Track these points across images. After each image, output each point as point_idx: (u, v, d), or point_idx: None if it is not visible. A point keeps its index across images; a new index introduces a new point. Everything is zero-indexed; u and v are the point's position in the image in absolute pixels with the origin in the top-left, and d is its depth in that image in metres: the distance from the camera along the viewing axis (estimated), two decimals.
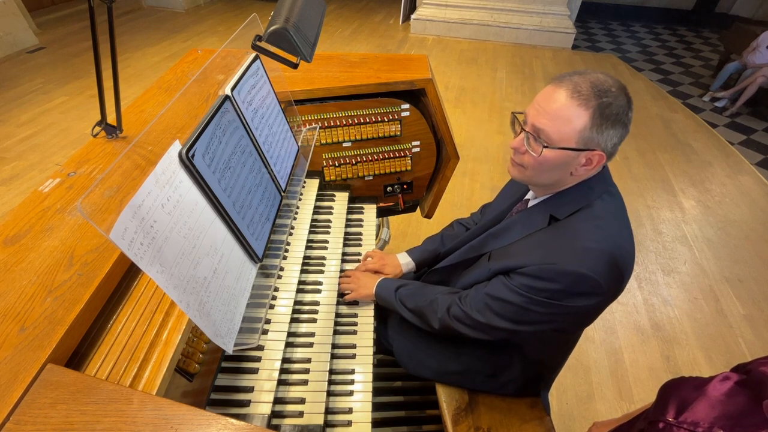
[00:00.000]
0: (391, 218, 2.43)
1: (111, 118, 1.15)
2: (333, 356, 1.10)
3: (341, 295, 1.26)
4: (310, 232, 1.36)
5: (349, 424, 0.99)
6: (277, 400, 0.95)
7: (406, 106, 1.54)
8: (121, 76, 1.34)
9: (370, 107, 1.51)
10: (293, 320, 1.12)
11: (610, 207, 0.91)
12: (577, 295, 0.87)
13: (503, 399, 1.24)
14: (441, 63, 5.18)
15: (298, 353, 1.07)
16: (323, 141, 1.54)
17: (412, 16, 6.01)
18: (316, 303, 1.19)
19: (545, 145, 0.84)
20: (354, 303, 1.26)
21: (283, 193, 1.17)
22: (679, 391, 0.75)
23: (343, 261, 1.38)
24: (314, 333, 1.12)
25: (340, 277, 1.30)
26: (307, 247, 1.31)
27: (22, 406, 0.59)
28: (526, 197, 1.05)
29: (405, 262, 1.34)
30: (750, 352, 2.16)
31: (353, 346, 1.15)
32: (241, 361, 0.98)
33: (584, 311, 0.92)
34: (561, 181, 0.91)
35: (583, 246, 0.85)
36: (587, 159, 0.84)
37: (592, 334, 2.20)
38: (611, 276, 0.86)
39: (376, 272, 1.32)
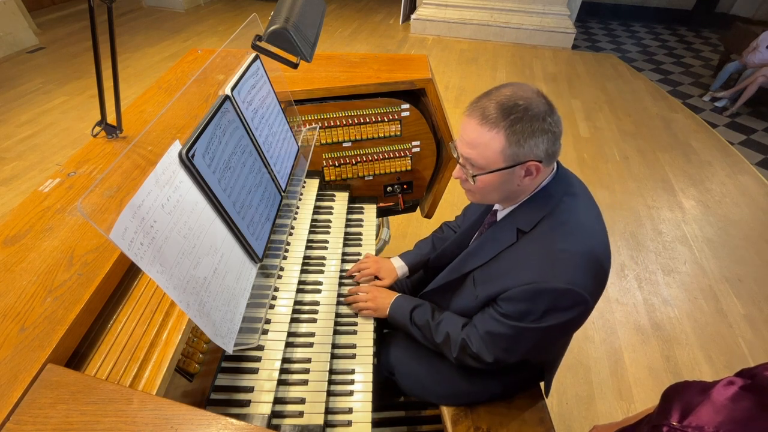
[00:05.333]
0: (391, 218, 2.43)
1: (111, 118, 1.15)
2: (333, 356, 1.10)
3: (342, 296, 1.26)
4: (310, 232, 1.36)
5: (349, 424, 0.99)
6: (277, 400, 0.95)
7: (406, 106, 1.54)
8: (121, 76, 1.34)
9: (370, 107, 1.51)
10: (293, 320, 1.12)
11: (573, 209, 0.91)
12: (563, 310, 0.86)
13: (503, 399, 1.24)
14: (441, 63, 5.18)
15: (298, 353, 1.07)
16: (323, 141, 1.54)
17: (412, 16, 6.00)
18: (316, 303, 1.19)
19: (475, 174, 0.87)
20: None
21: (283, 193, 1.17)
22: (682, 395, 0.75)
23: (343, 261, 1.38)
24: (314, 333, 1.11)
25: (349, 288, 1.28)
26: (307, 247, 1.31)
27: (22, 406, 0.59)
28: (495, 207, 1.05)
29: (399, 266, 1.34)
30: (750, 352, 2.16)
31: (353, 346, 1.15)
32: (241, 361, 0.98)
33: (575, 321, 0.92)
34: (513, 193, 0.91)
35: (555, 258, 0.85)
36: (525, 170, 0.84)
37: (592, 334, 2.20)
38: (590, 281, 0.86)
39: (374, 278, 1.31)
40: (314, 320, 1.15)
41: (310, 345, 1.09)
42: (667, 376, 2.04)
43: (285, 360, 1.03)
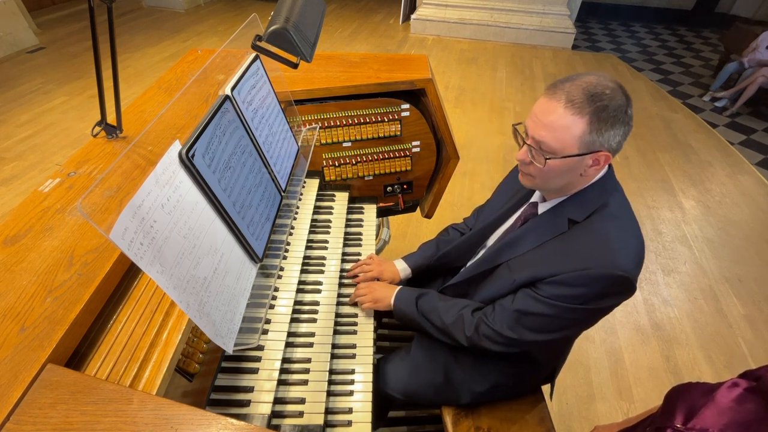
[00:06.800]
0: (391, 218, 2.43)
1: (111, 118, 1.15)
2: (333, 356, 1.10)
3: (342, 296, 1.26)
4: (310, 232, 1.36)
5: (349, 424, 0.99)
6: (277, 400, 0.95)
7: (406, 106, 1.54)
8: (121, 76, 1.34)
9: (370, 107, 1.51)
10: (293, 320, 1.12)
11: (623, 203, 0.94)
12: (611, 295, 0.89)
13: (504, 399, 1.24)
14: (441, 63, 5.18)
15: (298, 353, 1.07)
16: (323, 141, 1.54)
17: (412, 16, 6.00)
18: (316, 303, 1.19)
19: (547, 157, 0.85)
20: (355, 304, 1.26)
21: (283, 193, 1.17)
22: (686, 397, 0.75)
23: (343, 261, 1.37)
24: (314, 333, 1.11)
25: (348, 281, 1.27)
26: (307, 247, 1.31)
27: (22, 406, 0.59)
28: (533, 200, 1.05)
29: (402, 268, 1.33)
30: (750, 352, 2.16)
31: (353, 346, 1.15)
32: (241, 361, 0.98)
33: (613, 307, 0.94)
34: (572, 183, 0.92)
35: (613, 247, 0.87)
36: (594, 160, 0.85)
37: (593, 334, 2.20)
38: (638, 271, 0.89)
39: (376, 279, 1.31)
40: (314, 320, 1.15)
41: (310, 345, 1.09)
42: (667, 376, 2.04)
43: (285, 360, 1.03)
